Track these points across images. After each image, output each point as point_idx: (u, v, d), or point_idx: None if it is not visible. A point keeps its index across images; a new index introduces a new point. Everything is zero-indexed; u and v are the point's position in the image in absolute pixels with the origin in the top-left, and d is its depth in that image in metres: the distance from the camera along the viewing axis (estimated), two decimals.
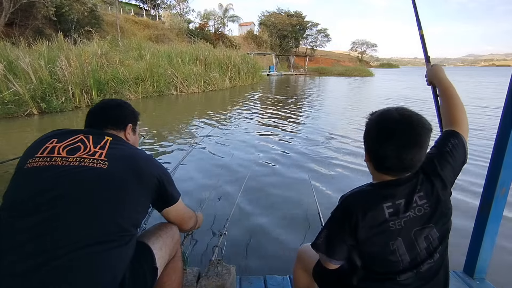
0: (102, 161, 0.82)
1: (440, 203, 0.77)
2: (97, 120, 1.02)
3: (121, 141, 0.95)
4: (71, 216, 0.74)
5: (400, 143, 0.73)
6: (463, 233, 1.58)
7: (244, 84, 17.29)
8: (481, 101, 11.81)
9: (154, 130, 6.30)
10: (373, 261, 0.79)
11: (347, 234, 0.78)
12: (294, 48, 51.96)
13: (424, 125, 0.74)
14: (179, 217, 1.09)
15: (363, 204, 0.77)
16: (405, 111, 0.77)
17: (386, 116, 0.77)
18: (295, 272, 1.20)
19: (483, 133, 6.21)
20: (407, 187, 0.76)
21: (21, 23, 15.99)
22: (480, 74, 53.03)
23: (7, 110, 7.04)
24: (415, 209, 0.75)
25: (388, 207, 0.75)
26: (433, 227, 0.77)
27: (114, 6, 25.14)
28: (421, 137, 0.73)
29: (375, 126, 0.79)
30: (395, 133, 0.74)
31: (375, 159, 0.80)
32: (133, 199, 0.84)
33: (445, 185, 0.79)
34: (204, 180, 3.58)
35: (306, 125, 7.17)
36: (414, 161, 0.74)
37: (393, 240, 0.75)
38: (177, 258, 1.12)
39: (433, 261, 0.77)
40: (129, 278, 0.81)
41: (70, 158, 0.81)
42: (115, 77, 10.36)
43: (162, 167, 0.98)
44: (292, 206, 2.94)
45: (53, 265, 0.68)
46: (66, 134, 0.90)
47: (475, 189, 3.31)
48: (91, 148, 0.85)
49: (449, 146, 0.83)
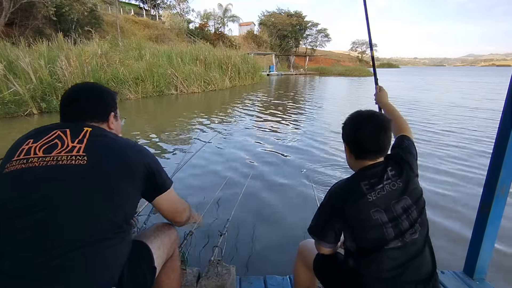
0: (81, 156, 0.77)
1: (410, 181, 0.93)
2: (74, 112, 0.93)
3: (101, 131, 0.89)
4: (58, 219, 0.71)
5: (372, 127, 0.94)
6: (463, 233, 1.58)
7: (244, 84, 17.29)
8: (476, 101, 11.81)
9: (155, 131, 6.30)
10: (362, 235, 0.91)
11: (335, 217, 0.95)
12: (294, 48, 51.95)
13: (384, 115, 1.02)
14: (172, 207, 1.02)
15: (345, 188, 0.96)
16: (370, 109, 1.01)
17: (358, 113, 1.00)
18: (296, 267, 1.23)
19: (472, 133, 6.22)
20: (380, 169, 0.94)
21: (21, 23, 15.98)
22: (479, 74, 53.01)
23: (7, 110, 7.05)
24: (389, 184, 0.91)
25: (365, 184, 0.92)
26: (408, 198, 0.91)
27: (114, 6, 25.13)
28: (385, 123, 0.96)
29: (350, 122, 1.00)
30: (366, 121, 0.96)
31: (354, 148, 0.98)
32: (120, 192, 0.80)
33: (411, 167, 0.97)
34: (204, 180, 3.58)
35: (307, 125, 7.16)
36: (384, 142, 0.95)
37: (373, 209, 0.89)
38: (175, 258, 1.12)
39: (414, 231, 0.88)
40: (128, 277, 0.80)
41: (48, 158, 0.77)
42: (115, 77, 10.37)
43: (149, 153, 0.93)
44: (293, 207, 2.94)
45: (46, 267, 0.67)
46: (42, 132, 0.85)
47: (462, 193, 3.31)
48: (69, 143, 0.80)
49: (406, 143, 1.07)
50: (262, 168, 4.04)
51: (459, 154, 4.78)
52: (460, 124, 7.09)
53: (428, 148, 5.02)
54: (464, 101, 11.77)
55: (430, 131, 6.28)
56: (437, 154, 4.71)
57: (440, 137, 5.86)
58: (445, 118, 7.97)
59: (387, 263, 0.86)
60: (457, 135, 6.02)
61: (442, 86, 21.97)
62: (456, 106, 10.34)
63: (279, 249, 2.26)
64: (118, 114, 1.04)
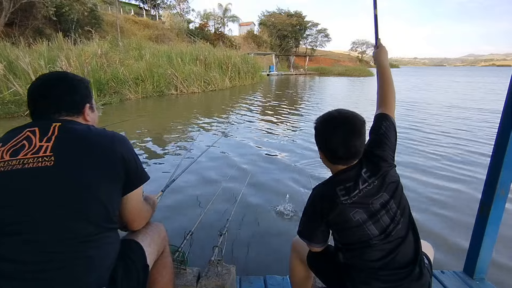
0: (48, 157, 0.73)
1: (386, 176, 0.92)
2: (46, 105, 0.86)
3: (71, 124, 0.83)
4: (34, 226, 0.68)
5: (343, 134, 0.90)
6: (463, 233, 1.58)
7: (244, 84, 17.27)
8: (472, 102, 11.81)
9: (155, 131, 6.30)
10: (346, 235, 0.93)
11: (318, 221, 0.96)
12: (294, 48, 51.95)
13: (358, 118, 0.93)
14: (136, 209, 0.93)
15: (323, 194, 0.96)
16: (342, 110, 0.95)
17: (328, 116, 0.96)
18: (291, 263, 1.24)
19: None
20: (354, 171, 0.92)
21: (21, 23, 15.98)
22: (478, 74, 53.01)
23: (7, 110, 7.05)
24: (365, 186, 0.90)
25: (340, 189, 0.91)
26: (385, 194, 0.91)
27: (114, 6, 25.12)
28: (357, 127, 0.91)
29: (321, 126, 0.96)
30: (337, 126, 0.92)
31: (327, 153, 0.96)
32: (95, 190, 0.75)
33: (386, 160, 0.94)
34: (204, 181, 3.58)
35: (307, 125, 7.16)
36: (357, 147, 0.91)
37: (353, 211, 0.89)
38: (166, 254, 1.11)
39: (397, 222, 0.90)
40: (122, 277, 0.80)
41: (13, 161, 0.72)
42: (115, 77, 10.36)
43: (124, 142, 0.86)
44: (293, 207, 2.94)
45: (31, 275, 0.67)
46: (11, 134, 0.80)
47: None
48: (37, 143, 0.75)
49: (383, 129, 0.99)
50: (262, 168, 4.05)
51: (459, 155, 4.78)
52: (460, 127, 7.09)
53: (424, 147, 5.02)
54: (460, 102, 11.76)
55: (428, 132, 6.29)
56: (436, 154, 4.71)
57: (440, 137, 5.87)
58: (442, 120, 7.97)
59: (375, 255, 0.89)
60: (460, 137, 6.02)
61: (442, 86, 21.93)
62: (452, 107, 10.33)
63: (279, 249, 2.26)
64: (94, 105, 0.97)
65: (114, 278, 0.78)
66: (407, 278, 0.87)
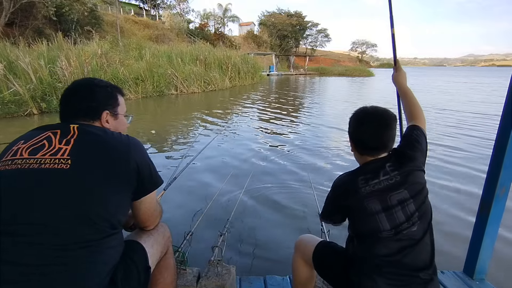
0: (65, 160, 0.74)
1: (410, 174, 0.94)
2: (67, 111, 0.90)
3: (89, 127, 0.85)
4: (39, 227, 0.68)
5: (373, 125, 0.98)
6: (463, 233, 1.58)
7: (244, 84, 17.28)
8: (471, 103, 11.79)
9: (155, 131, 6.29)
10: (359, 224, 0.97)
11: (338, 207, 1.04)
12: (294, 48, 51.95)
13: (388, 112, 1.00)
14: (150, 210, 0.95)
15: (344, 181, 1.03)
16: (375, 106, 1.04)
17: (362, 110, 1.04)
18: (294, 263, 1.24)
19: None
20: (380, 163, 0.97)
21: (21, 23, 15.98)
22: (478, 74, 52.99)
23: (7, 110, 7.04)
24: (386, 178, 0.93)
25: (361, 179, 0.96)
26: (405, 191, 0.92)
27: (114, 6, 25.12)
28: (388, 121, 0.98)
29: (354, 118, 1.04)
30: (369, 118, 1.00)
31: (357, 144, 1.03)
32: (106, 197, 0.77)
33: (413, 160, 0.97)
34: (204, 181, 3.58)
35: (307, 125, 7.16)
36: (386, 139, 0.97)
37: (368, 200, 0.92)
38: (169, 255, 1.10)
39: (412, 223, 0.90)
40: (123, 278, 0.79)
41: (31, 160, 0.74)
42: (115, 77, 10.35)
43: (139, 148, 0.88)
44: (293, 207, 2.94)
45: (32, 277, 0.66)
46: (34, 133, 0.82)
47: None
48: (56, 145, 0.77)
49: (414, 135, 1.06)
50: (262, 168, 4.05)
51: (459, 154, 4.78)
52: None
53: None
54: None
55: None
56: (436, 154, 4.71)
57: (440, 137, 5.87)
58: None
59: (382, 250, 0.89)
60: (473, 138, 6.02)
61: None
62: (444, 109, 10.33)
63: (279, 249, 2.26)
64: (118, 112, 0.97)
65: (114, 279, 0.77)
66: (415, 282, 0.86)
